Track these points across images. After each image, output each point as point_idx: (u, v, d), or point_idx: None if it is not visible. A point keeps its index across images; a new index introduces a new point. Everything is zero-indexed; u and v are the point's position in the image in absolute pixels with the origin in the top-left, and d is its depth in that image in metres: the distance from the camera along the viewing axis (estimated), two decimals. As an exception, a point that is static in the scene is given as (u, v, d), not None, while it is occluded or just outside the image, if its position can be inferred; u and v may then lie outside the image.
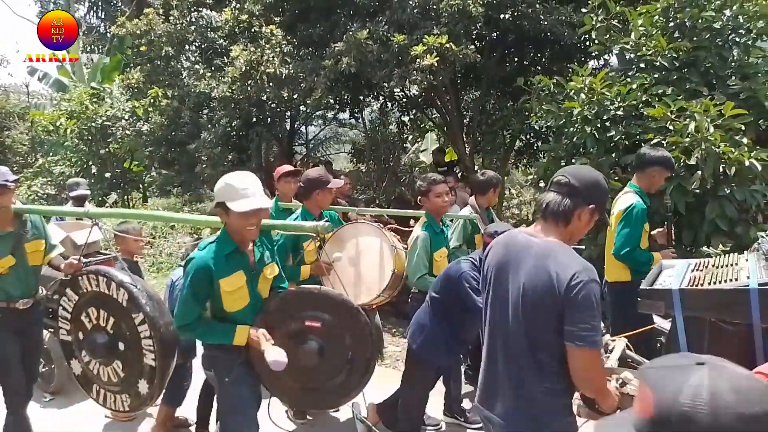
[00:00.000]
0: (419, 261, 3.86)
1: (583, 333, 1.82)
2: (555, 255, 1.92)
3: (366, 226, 4.22)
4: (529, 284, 1.93)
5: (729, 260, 2.68)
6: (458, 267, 3.36)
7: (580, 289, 1.82)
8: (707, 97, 5.10)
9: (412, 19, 6.76)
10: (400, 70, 6.52)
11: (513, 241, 2.09)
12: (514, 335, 1.98)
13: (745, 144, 4.82)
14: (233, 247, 2.63)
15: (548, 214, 2.03)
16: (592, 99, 5.49)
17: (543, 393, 1.95)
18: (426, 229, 3.94)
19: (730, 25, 5.52)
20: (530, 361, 1.95)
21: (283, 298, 2.80)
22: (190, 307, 2.61)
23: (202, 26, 9.77)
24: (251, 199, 2.50)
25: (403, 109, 10.38)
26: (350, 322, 2.70)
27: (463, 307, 3.29)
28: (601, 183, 2.04)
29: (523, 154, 9.49)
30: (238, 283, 2.63)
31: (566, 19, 6.93)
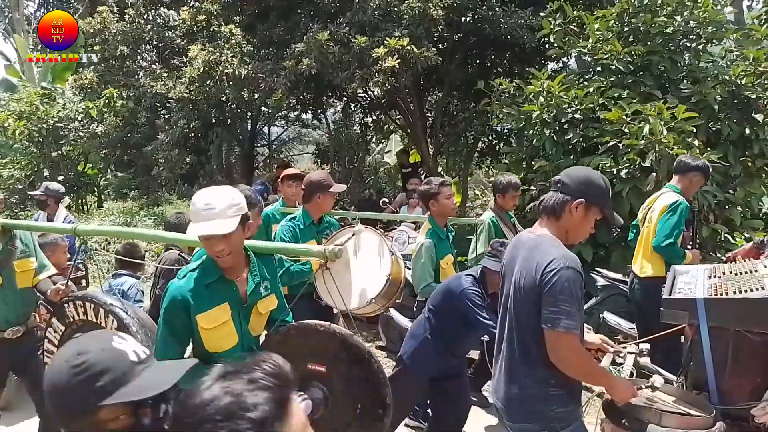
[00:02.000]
0: (424, 270, 3.73)
1: (552, 316, 1.91)
2: (540, 246, 2.04)
3: (366, 230, 4.12)
4: (519, 276, 2.06)
5: (746, 267, 2.67)
6: (459, 282, 3.27)
7: (554, 275, 1.92)
8: (660, 101, 5.24)
9: (373, 21, 6.74)
10: (362, 71, 6.49)
11: (518, 240, 2.24)
12: (509, 327, 2.12)
13: (696, 146, 4.97)
14: (217, 276, 2.22)
15: (542, 210, 2.15)
16: (551, 102, 5.58)
17: (534, 381, 2.03)
18: (431, 236, 3.79)
19: (681, 30, 5.68)
20: (521, 350, 2.06)
21: (285, 335, 2.36)
22: (168, 346, 2.22)
23: (159, 25, 9.53)
24: (210, 222, 2.09)
25: (366, 110, 10.36)
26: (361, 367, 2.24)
27: (463, 321, 3.23)
28: (592, 179, 2.09)
29: (485, 156, 9.59)
30: (220, 318, 2.22)
31: (525, 22, 7.02)
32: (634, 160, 4.95)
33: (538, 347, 2.00)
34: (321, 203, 3.83)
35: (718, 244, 5.65)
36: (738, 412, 2.18)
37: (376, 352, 5.93)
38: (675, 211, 3.94)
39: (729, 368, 2.24)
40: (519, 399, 2.07)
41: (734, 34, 5.90)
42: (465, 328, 3.28)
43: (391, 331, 5.77)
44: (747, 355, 2.22)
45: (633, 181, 5.02)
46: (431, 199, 3.80)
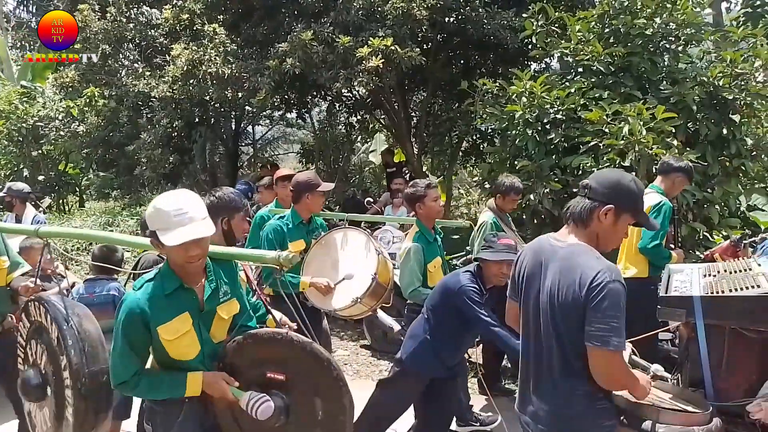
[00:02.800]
0: (412, 274, 3.72)
1: (600, 333, 1.81)
2: (578, 257, 1.93)
3: (353, 232, 4.11)
4: (556, 288, 1.94)
5: (741, 265, 2.68)
6: (457, 279, 3.26)
7: (601, 290, 1.81)
8: (640, 101, 5.31)
9: (357, 21, 6.74)
10: (346, 71, 6.50)
11: (540, 247, 2.10)
12: (547, 340, 1.98)
13: (675, 146, 5.05)
14: (177, 285, 2.17)
15: (570, 217, 2.04)
16: (533, 102, 5.63)
17: (582, 397, 1.93)
18: (418, 239, 3.77)
19: (660, 32, 5.76)
20: (563, 365, 1.95)
21: (241, 342, 2.28)
22: (126, 361, 2.15)
23: (141, 24, 9.44)
24: (187, 227, 2.03)
25: (351, 110, 10.36)
26: (321, 375, 2.19)
27: (462, 320, 3.22)
28: (622, 183, 1.98)
29: (469, 155, 9.64)
30: (182, 328, 2.17)
31: (508, 23, 7.08)
32: (614, 160, 5.02)
33: (580, 361, 1.90)
34: (310, 203, 3.84)
35: (697, 242, 5.75)
36: (733, 409, 2.22)
37: (361, 350, 5.96)
38: (659, 212, 3.98)
39: (724, 365, 2.29)
40: (565, 416, 1.96)
41: (712, 36, 6.01)
42: (464, 326, 3.26)
43: (375, 330, 5.80)
44: (742, 352, 2.26)
45: (613, 180, 5.08)
46: (417, 202, 3.78)
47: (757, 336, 2.20)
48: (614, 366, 1.85)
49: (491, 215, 4.51)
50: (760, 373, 2.21)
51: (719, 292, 2.29)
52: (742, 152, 5.49)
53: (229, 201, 2.81)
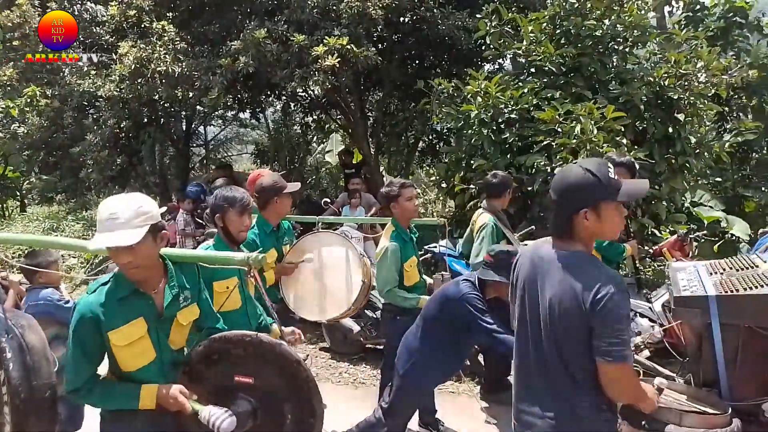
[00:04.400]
0: (389, 274, 3.66)
1: (611, 348, 1.76)
2: (578, 267, 1.86)
3: (329, 236, 4.02)
4: (556, 299, 1.87)
5: (745, 262, 2.68)
6: (458, 289, 3.16)
7: (606, 303, 1.75)
8: (591, 101, 5.44)
9: (311, 20, 6.67)
10: (302, 70, 6.41)
11: (538, 254, 2.02)
12: (548, 352, 1.92)
13: (624, 144, 5.19)
14: (130, 290, 2.11)
15: (553, 232, 1.98)
16: (488, 102, 5.69)
17: (585, 409, 1.88)
18: (395, 239, 3.72)
19: (609, 33, 5.93)
20: (565, 378, 1.89)
21: (207, 346, 2.24)
22: (79, 367, 2.09)
23: (85, 20, 9.06)
24: (111, 233, 1.98)
25: (307, 109, 10.25)
26: (290, 377, 2.16)
27: (465, 328, 3.13)
28: (572, 182, 1.88)
29: (426, 155, 9.69)
30: (135, 334, 2.10)
31: (462, 24, 7.15)
32: (567, 159, 5.12)
33: (584, 373, 1.86)
34: (279, 207, 3.65)
35: (646, 238, 5.95)
36: (748, 408, 2.21)
37: (320, 353, 5.89)
38: None
39: (739, 364, 2.27)
40: (569, 429, 1.90)
41: (657, 38, 6.22)
42: (466, 334, 3.18)
43: (334, 332, 5.74)
44: (756, 350, 2.25)
45: (567, 178, 5.19)
46: (392, 202, 3.74)
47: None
48: (626, 378, 1.83)
49: (490, 216, 4.36)
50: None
51: (733, 291, 2.27)
52: (686, 150, 5.70)
53: (222, 198, 2.87)
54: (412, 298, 3.72)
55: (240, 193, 2.93)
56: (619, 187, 1.88)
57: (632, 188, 1.95)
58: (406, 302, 3.70)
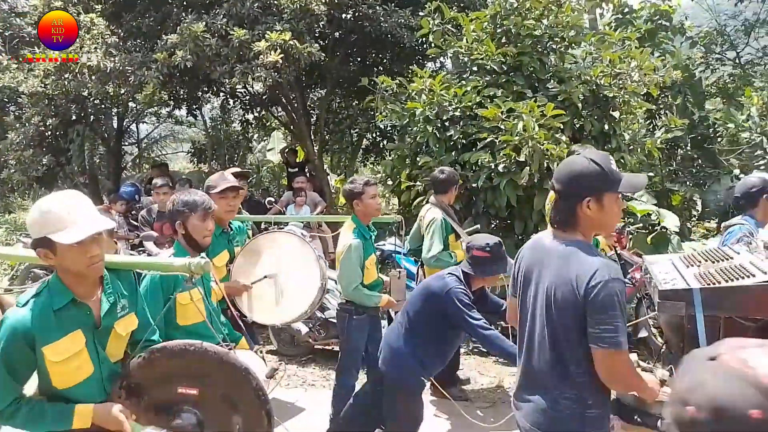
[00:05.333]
0: (354, 271, 3.59)
1: (605, 334, 1.76)
2: (575, 255, 1.86)
3: (284, 236, 3.88)
4: (553, 287, 1.88)
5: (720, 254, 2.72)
6: (443, 283, 3.08)
7: (600, 289, 1.76)
8: (531, 99, 5.58)
9: (252, 14, 6.50)
10: (242, 66, 6.24)
11: (539, 244, 2.04)
12: (541, 340, 1.94)
13: (564, 141, 5.35)
14: (68, 299, 1.95)
15: (554, 222, 1.98)
16: (433, 100, 5.73)
17: (568, 400, 1.89)
18: (357, 235, 3.65)
19: (547, 33, 6.09)
20: (556, 367, 1.90)
21: (149, 357, 2.10)
22: (4, 387, 1.91)
23: (4, 11, 8.48)
24: (86, 222, 1.88)
25: (247, 106, 10.00)
26: (238, 386, 2.07)
27: (450, 324, 3.06)
28: (578, 171, 1.89)
29: (370, 152, 9.67)
30: (73, 347, 1.94)
31: (405, 22, 7.17)
32: (510, 155, 5.23)
33: (576, 365, 1.86)
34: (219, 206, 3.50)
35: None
36: None
37: (267, 356, 5.76)
38: None
39: None
40: (552, 418, 1.91)
41: (593, 39, 6.45)
42: (453, 330, 3.11)
43: (281, 334, 5.62)
44: None
45: (509, 174, 5.30)
46: (355, 199, 3.68)
47: (751, 324, 2.29)
48: (621, 366, 1.82)
49: (439, 212, 4.38)
50: None
51: (715, 283, 2.31)
52: (621, 146, 5.94)
53: (181, 203, 2.69)
54: (375, 296, 3.68)
55: (200, 197, 2.77)
56: (621, 179, 1.91)
57: (633, 180, 1.99)
58: (370, 300, 3.66)
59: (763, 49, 13.24)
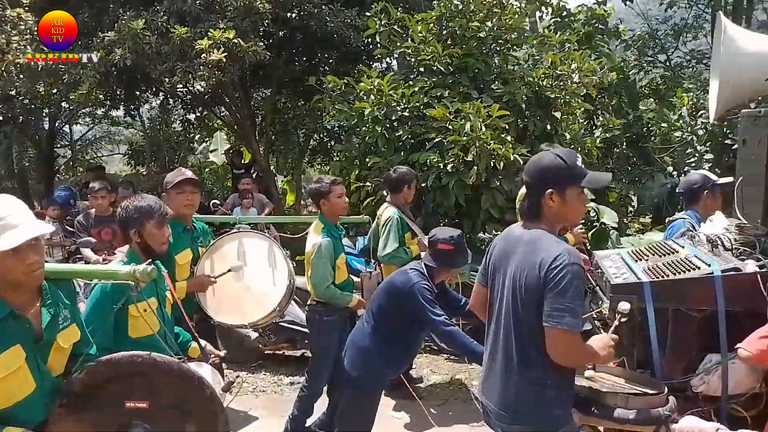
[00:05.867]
0: (326, 270, 3.56)
1: (556, 313, 1.83)
2: (540, 242, 1.96)
3: (250, 235, 3.81)
4: (519, 272, 1.97)
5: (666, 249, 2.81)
6: (407, 278, 3.05)
7: (559, 271, 1.84)
8: (477, 100, 5.67)
9: (194, 12, 6.32)
10: (184, 64, 6.05)
11: (510, 235, 2.14)
12: (506, 325, 2.02)
13: (509, 141, 5.47)
14: (5, 312, 1.83)
15: (525, 214, 2.08)
16: (381, 100, 5.73)
17: (529, 382, 1.95)
18: (326, 235, 3.63)
19: (491, 35, 6.21)
20: (518, 350, 1.97)
21: (92, 371, 1.99)
22: None
23: None
24: (22, 227, 1.77)
25: (189, 106, 9.70)
26: (191, 396, 2.00)
27: (414, 320, 3.03)
28: (545, 164, 2.00)
29: (317, 153, 9.58)
30: (12, 364, 1.82)
31: (351, 22, 7.14)
32: (459, 155, 5.30)
33: (536, 347, 1.92)
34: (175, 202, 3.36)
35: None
36: (678, 385, 2.36)
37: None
38: None
39: (668, 345, 2.43)
40: (515, 402, 1.99)
41: (535, 41, 6.62)
42: (418, 325, 3.09)
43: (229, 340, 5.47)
44: (683, 331, 2.42)
45: (458, 174, 5.37)
46: (322, 198, 3.66)
47: (698, 315, 2.38)
48: (569, 345, 1.88)
49: (395, 210, 4.38)
50: (699, 349, 2.41)
51: (663, 276, 2.41)
52: (563, 146, 6.12)
53: (136, 210, 2.53)
54: (346, 295, 3.66)
55: (155, 202, 2.63)
56: (584, 175, 2.01)
57: (596, 177, 2.10)
58: (342, 299, 3.63)
59: (690, 52, 14.03)
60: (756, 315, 2.15)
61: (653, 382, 2.34)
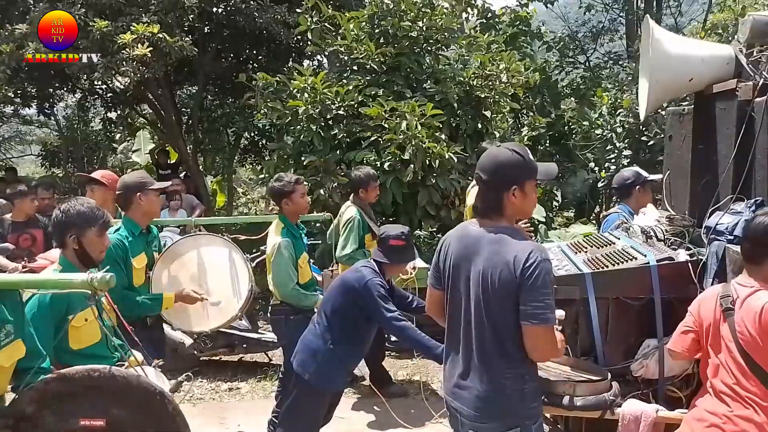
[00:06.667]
0: (288, 270, 3.48)
1: (537, 311, 1.84)
2: (508, 240, 1.93)
3: (208, 238, 3.67)
4: (488, 272, 1.92)
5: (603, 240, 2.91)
6: (360, 275, 3.01)
7: (534, 269, 1.84)
8: (411, 99, 5.73)
9: (115, 4, 6.00)
10: (106, 60, 5.73)
11: (466, 233, 2.07)
12: (478, 324, 1.97)
13: (443, 140, 5.57)
14: None
15: (482, 212, 2.02)
16: (315, 98, 5.67)
17: (509, 378, 1.94)
18: (286, 235, 3.56)
19: (422, 35, 6.28)
20: (494, 348, 1.94)
21: (42, 389, 1.87)
22: None
23: None
24: None
25: (109, 104, 9.21)
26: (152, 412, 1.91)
27: (367, 317, 3.00)
28: (507, 161, 1.98)
29: (248, 152, 9.35)
30: None
31: (281, 18, 7.02)
32: (395, 154, 5.34)
33: (513, 343, 1.93)
34: (145, 205, 3.19)
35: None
36: (619, 370, 2.47)
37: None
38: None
39: (609, 332, 2.53)
40: (496, 399, 1.96)
41: (464, 41, 6.77)
42: (370, 323, 3.07)
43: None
44: (622, 319, 2.52)
45: (395, 173, 5.42)
46: (284, 198, 3.58)
47: (636, 303, 2.50)
48: (549, 340, 1.91)
49: (357, 210, 4.34)
50: (637, 335, 2.54)
51: (603, 267, 2.52)
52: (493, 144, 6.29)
53: (77, 214, 2.37)
54: (311, 295, 3.61)
55: (98, 209, 2.46)
56: (537, 167, 2.05)
57: (548, 168, 2.18)
58: (307, 300, 3.57)
59: (608, 54, 14.83)
60: (688, 301, 2.28)
61: (596, 368, 2.45)
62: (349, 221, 4.30)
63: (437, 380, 4.59)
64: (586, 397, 2.24)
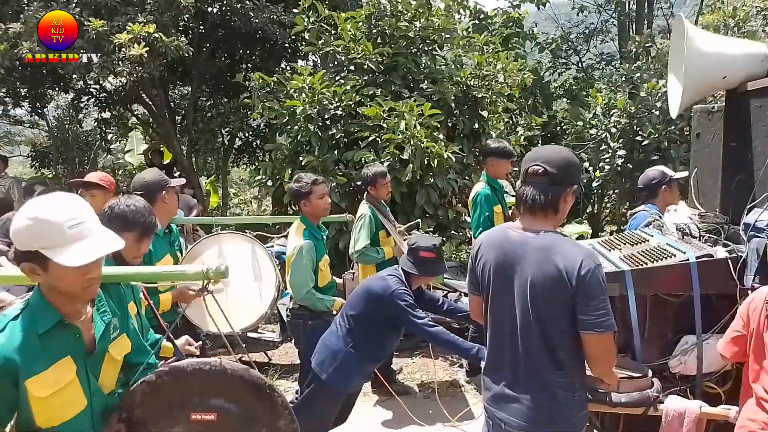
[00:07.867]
0: (306, 273, 3.45)
1: (600, 320, 1.81)
2: (557, 247, 1.87)
3: (231, 237, 3.67)
4: (536, 279, 1.86)
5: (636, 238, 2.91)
6: (386, 284, 3.03)
7: (590, 277, 1.80)
8: (409, 99, 5.74)
9: (110, 4, 5.96)
10: (101, 59, 5.69)
11: (507, 238, 1.98)
12: (525, 332, 1.91)
13: (441, 139, 5.58)
14: (55, 320, 1.61)
15: (536, 208, 1.92)
16: (313, 98, 5.66)
17: (560, 387, 1.90)
18: (308, 237, 3.52)
19: (420, 35, 6.29)
20: (544, 355, 1.90)
21: (154, 383, 1.82)
22: None
23: None
24: (88, 240, 1.56)
25: (103, 104, 9.13)
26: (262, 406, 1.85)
27: (394, 325, 3.03)
28: (573, 159, 1.96)
29: (243, 153, 9.31)
30: (62, 379, 1.61)
31: (277, 18, 7.00)
32: (394, 154, 5.34)
33: (565, 351, 1.89)
34: (167, 205, 3.14)
35: (460, 226, 6.47)
36: (657, 367, 2.49)
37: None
38: (475, 205, 4.44)
39: (647, 330, 2.55)
40: (547, 408, 1.92)
41: (461, 41, 6.78)
42: (395, 331, 3.10)
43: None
44: (660, 316, 2.54)
45: (393, 172, 5.40)
46: (303, 199, 3.55)
47: (673, 299, 2.52)
48: (611, 347, 1.88)
49: (369, 207, 4.34)
50: (674, 332, 2.56)
51: (641, 265, 2.52)
52: (490, 144, 6.31)
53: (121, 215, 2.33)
54: (327, 300, 3.57)
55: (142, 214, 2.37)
56: None
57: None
58: (322, 304, 3.54)
59: (600, 54, 14.94)
60: (726, 297, 2.33)
61: (635, 365, 2.47)
62: (360, 218, 4.31)
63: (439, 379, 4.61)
64: (630, 394, 2.27)
